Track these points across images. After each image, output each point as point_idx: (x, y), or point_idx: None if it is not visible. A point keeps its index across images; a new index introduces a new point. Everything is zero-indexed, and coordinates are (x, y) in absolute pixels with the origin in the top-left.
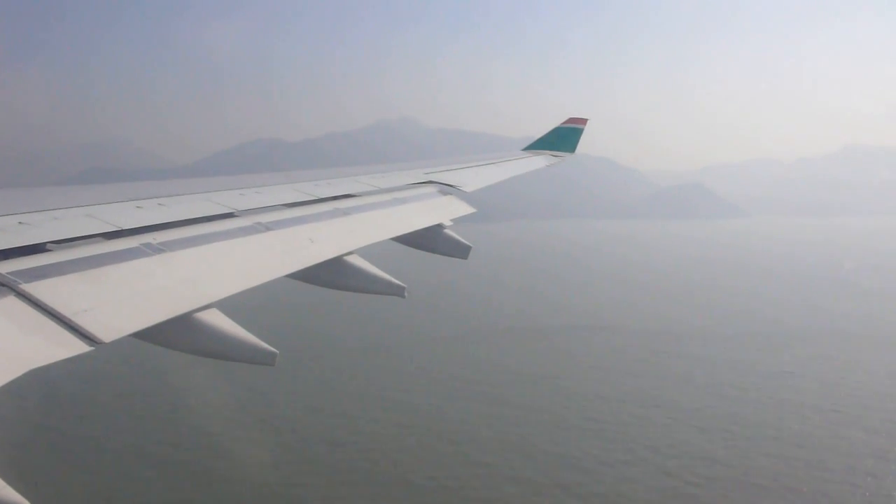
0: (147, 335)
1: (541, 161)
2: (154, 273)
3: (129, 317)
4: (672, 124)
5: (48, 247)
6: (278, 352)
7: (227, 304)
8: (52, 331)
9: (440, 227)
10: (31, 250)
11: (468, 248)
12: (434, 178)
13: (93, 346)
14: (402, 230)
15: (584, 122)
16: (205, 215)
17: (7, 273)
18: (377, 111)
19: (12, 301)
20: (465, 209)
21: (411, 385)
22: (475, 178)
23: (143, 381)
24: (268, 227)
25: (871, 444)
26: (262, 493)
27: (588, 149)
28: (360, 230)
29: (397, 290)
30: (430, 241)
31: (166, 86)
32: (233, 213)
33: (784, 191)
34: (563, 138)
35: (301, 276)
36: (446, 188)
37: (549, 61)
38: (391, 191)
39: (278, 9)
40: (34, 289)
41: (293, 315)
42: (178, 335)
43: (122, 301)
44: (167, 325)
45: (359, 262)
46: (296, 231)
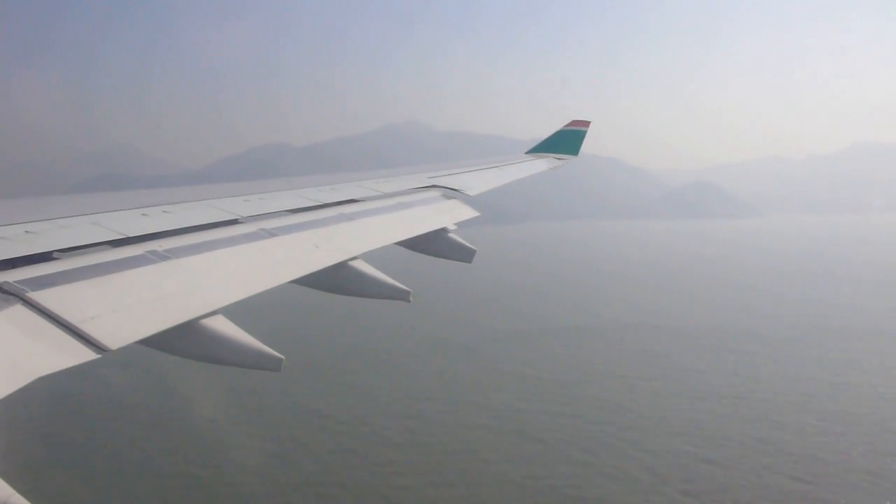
0: (153, 342)
1: (544, 164)
2: (160, 280)
3: (136, 324)
4: (678, 123)
5: (55, 255)
6: (284, 357)
7: (233, 311)
8: (59, 338)
9: (444, 230)
10: (38, 259)
11: (473, 252)
12: (437, 182)
13: (100, 353)
14: (407, 234)
15: (586, 124)
16: (209, 222)
17: (14, 281)
18: (385, 115)
19: (19, 309)
20: (469, 213)
21: (417, 391)
22: (478, 182)
23: (150, 388)
24: (272, 234)
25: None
26: (268, 500)
27: (596, 149)
28: (365, 235)
29: (402, 295)
30: (434, 245)
31: (173, 92)
32: (237, 219)
33: (794, 188)
34: (567, 141)
35: (306, 281)
36: (450, 192)
37: (556, 62)
38: (395, 195)
39: (283, 13)
40: (41, 297)
41: (299, 321)
42: (185, 342)
43: (128, 308)
44: (173, 332)
45: (363, 267)
46: (300, 237)
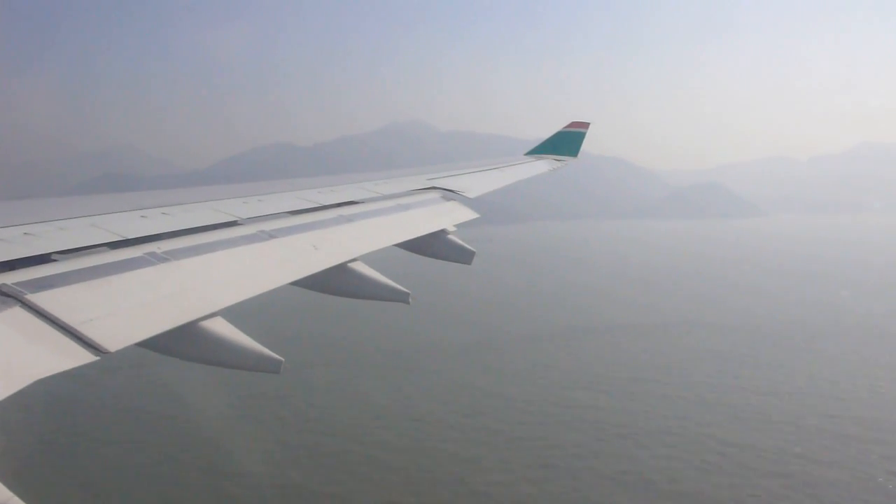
0: (152, 344)
1: (544, 165)
2: (158, 282)
3: (135, 326)
4: (682, 124)
5: (53, 257)
6: (283, 359)
7: (232, 313)
8: (57, 341)
9: (444, 232)
10: (37, 261)
11: (472, 254)
12: (437, 183)
13: (98, 355)
14: (406, 236)
15: (586, 125)
16: (208, 224)
17: (13, 283)
18: (388, 114)
19: (18, 311)
20: (469, 214)
21: (417, 393)
22: (478, 184)
23: (149, 390)
24: (271, 235)
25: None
26: (266, 500)
27: (601, 149)
28: (364, 237)
29: (402, 297)
30: (433, 246)
31: (176, 91)
32: (236, 221)
33: (799, 189)
34: (566, 142)
35: (305, 283)
36: (449, 194)
37: (560, 62)
38: (394, 197)
39: (288, 12)
40: (40, 299)
41: (298, 323)
42: (183, 344)
43: (127, 310)
44: (172, 334)
45: (363, 268)
46: (299, 238)
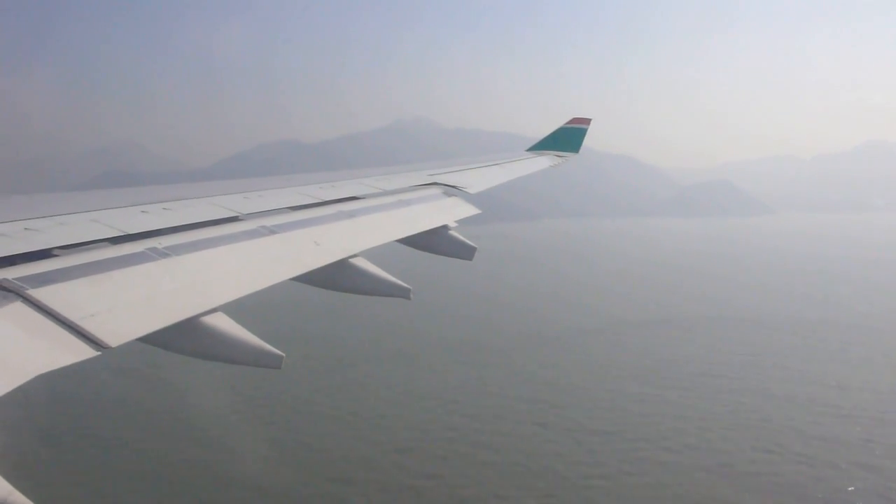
0: (153, 339)
1: (545, 161)
2: (160, 277)
3: (136, 321)
4: (686, 122)
5: (54, 252)
6: (284, 355)
7: (233, 308)
8: (58, 336)
9: (445, 228)
10: (38, 256)
11: (473, 250)
12: (438, 179)
13: (99, 350)
14: (407, 232)
15: (587, 121)
16: (210, 219)
17: (13, 278)
18: (393, 112)
19: (19, 306)
20: (470, 210)
21: (417, 388)
22: (479, 180)
23: (150, 385)
24: (272, 231)
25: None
26: (266, 497)
27: (608, 147)
28: (365, 232)
29: (403, 292)
30: (435, 242)
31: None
32: (237, 216)
33: (805, 188)
34: (567, 138)
35: (306, 278)
36: (451, 189)
37: (566, 60)
38: (395, 193)
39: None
40: (40, 294)
41: (299, 318)
42: (184, 339)
43: (128, 305)
44: (173, 329)
45: (364, 264)
46: (300, 234)
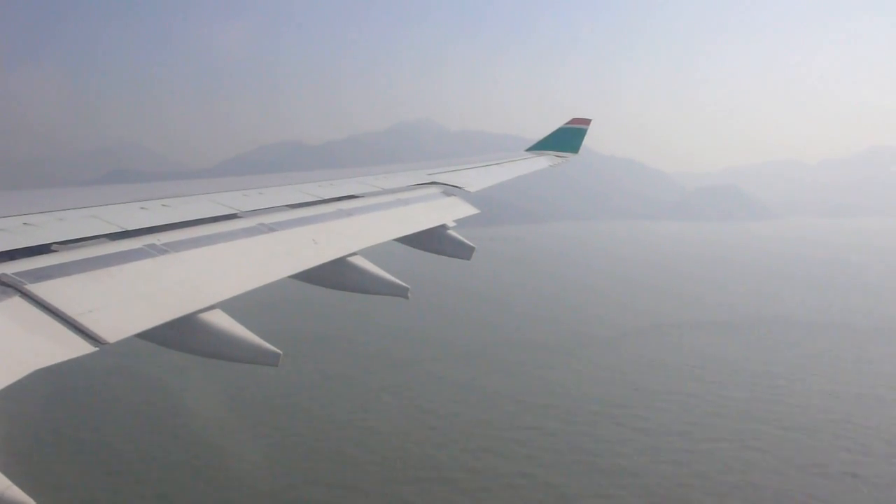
0: (151, 336)
1: (544, 161)
2: (158, 274)
3: (134, 317)
4: (689, 127)
5: (53, 247)
6: (281, 352)
7: (231, 305)
8: (56, 331)
9: (444, 227)
10: (36, 251)
11: (472, 249)
12: (437, 178)
13: (97, 346)
14: (406, 231)
15: (587, 122)
16: (209, 216)
17: (12, 274)
18: (397, 114)
19: (17, 301)
20: (469, 210)
21: (413, 388)
22: (478, 179)
23: (147, 381)
24: (271, 228)
25: None
26: (262, 495)
27: (613, 150)
28: (364, 231)
29: (401, 291)
30: (433, 241)
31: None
32: (236, 214)
33: (809, 193)
34: (567, 139)
35: (304, 276)
36: (450, 189)
37: (571, 63)
38: (395, 192)
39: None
40: (39, 289)
41: (297, 316)
42: (182, 336)
43: (126, 302)
44: (171, 326)
45: (362, 262)
46: (299, 232)
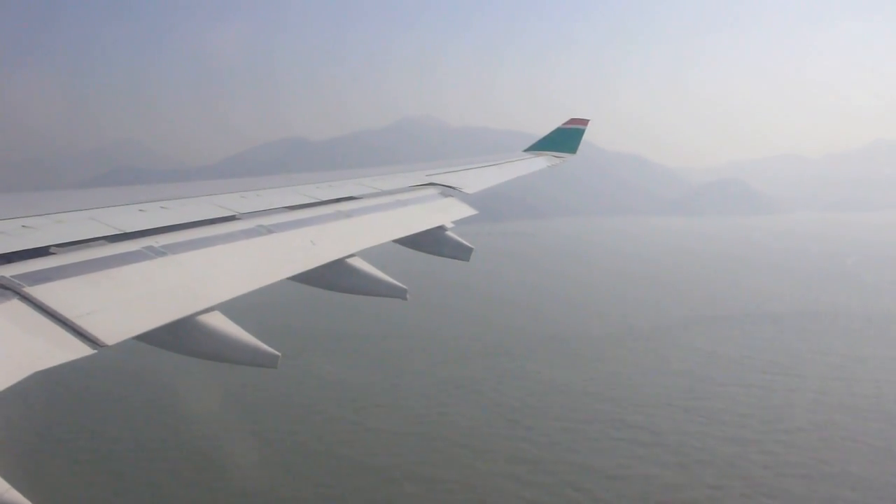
0: (150, 338)
1: (543, 162)
2: (157, 276)
3: (132, 319)
4: (691, 121)
5: (51, 250)
6: (280, 354)
7: (230, 307)
8: (55, 333)
9: (442, 228)
10: (35, 253)
11: (470, 250)
12: (435, 179)
13: (96, 348)
14: (404, 232)
15: (585, 122)
16: (207, 218)
17: (10, 276)
18: (399, 110)
19: (16, 304)
20: (467, 211)
21: (413, 390)
22: (477, 180)
23: (146, 383)
24: (270, 230)
25: None
26: (261, 497)
27: (617, 146)
28: (362, 232)
29: (399, 293)
30: (432, 243)
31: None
32: (235, 215)
33: (814, 187)
34: (565, 139)
35: (303, 278)
36: (448, 190)
37: (575, 58)
38: (393, 193)
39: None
40: (37, 292)
41: (295, 317)
42: (181, 338)
43: (125, 304)
44: (170, 328)
45: (360, 264)
46: (297, 234)
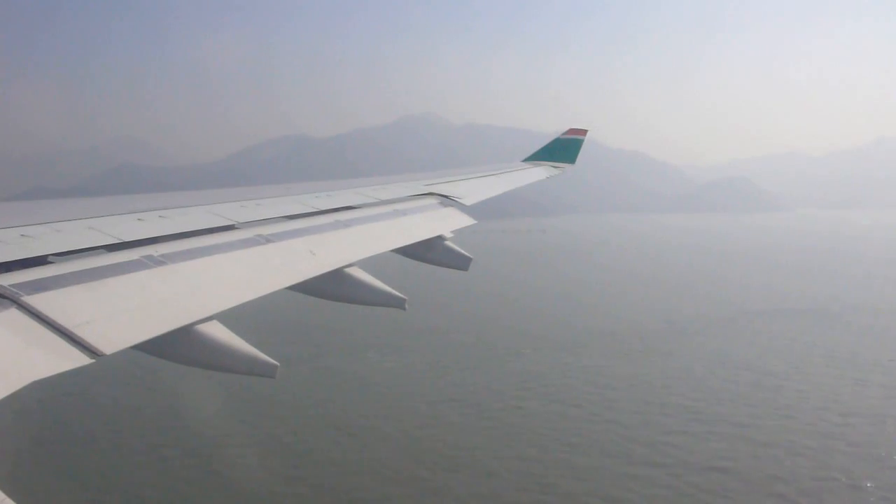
0: (148, 347)
1: (541, 172)
2: (155, 285)
3: (130, 329)
4: (694, 119)
5: (50, 259)
6: (278, 364)
7: (228, 317)
8: (53, 343)
9: (440, 238)
10: (33, 262)
11: (469, 260)
12: (434, 189)
13: (94, 358)
14: (403, 242)
15: (584, 132)
16: (205, 227)
17: (9, 285)
18: (402, 107)
19: (14, 313)
20: (466, 221)
21: (411, 399)
22: (475, 190)
23: (143, 393)
24: (268, 240)
25: None
26: (261, 501)
27: (621, 143)
28: (361, 242)
29: (398, 302)
30: (430, 252)
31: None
32: (233, 224)
33: (816, 184)
34: (564, 149)
35: (302, 288)
36: (447, 200)
37: (578, 56)
38: (392, 202)
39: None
40: (36, 301)
41: (293, 327)
42: (179, 347)
43: (123, 313)
44: (168, 337)
45: (359, 273)
46: (296, 243)
